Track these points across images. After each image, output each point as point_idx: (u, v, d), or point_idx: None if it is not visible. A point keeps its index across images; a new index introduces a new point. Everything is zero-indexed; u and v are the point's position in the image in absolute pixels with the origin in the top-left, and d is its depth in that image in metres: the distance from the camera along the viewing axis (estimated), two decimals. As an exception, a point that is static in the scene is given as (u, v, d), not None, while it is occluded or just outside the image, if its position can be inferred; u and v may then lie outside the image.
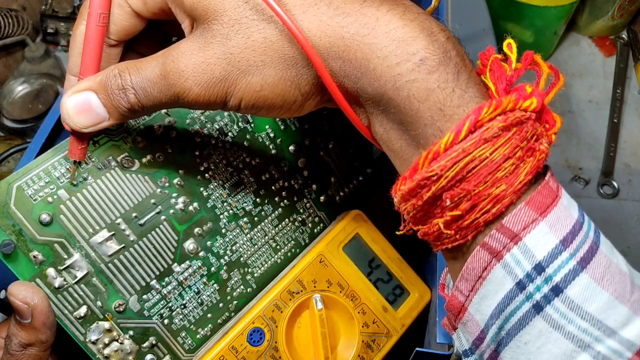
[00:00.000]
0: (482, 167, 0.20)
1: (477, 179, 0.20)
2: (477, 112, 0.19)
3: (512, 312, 0.20)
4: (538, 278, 0.20)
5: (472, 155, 0.19)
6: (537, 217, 0.20)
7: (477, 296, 0.21)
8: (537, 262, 0.20)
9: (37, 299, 0.26)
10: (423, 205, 0.21)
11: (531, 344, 0.20)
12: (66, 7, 0.69)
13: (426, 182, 0.20)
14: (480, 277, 0.21)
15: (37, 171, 0.27)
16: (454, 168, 0.19)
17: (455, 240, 0.21)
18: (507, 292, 0.20)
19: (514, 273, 0.20)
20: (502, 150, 0.20)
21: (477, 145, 0.19)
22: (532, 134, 0.20)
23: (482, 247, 0.21)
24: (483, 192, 0.20)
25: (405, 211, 0.22)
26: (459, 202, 0.20)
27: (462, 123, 0.19)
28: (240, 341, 0.31)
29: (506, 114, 0.20)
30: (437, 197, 0.20)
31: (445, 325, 0.25)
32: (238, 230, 0.32)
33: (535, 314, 0.20)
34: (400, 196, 0.21)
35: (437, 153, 0.20)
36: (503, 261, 0.20)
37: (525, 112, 0.20)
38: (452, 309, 0.23)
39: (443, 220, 0.21)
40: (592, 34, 0.78)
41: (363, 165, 0.38)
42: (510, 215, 0.20)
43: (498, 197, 0.20)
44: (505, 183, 0.20)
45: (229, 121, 0.32)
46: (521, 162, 0.20)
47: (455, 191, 0.20)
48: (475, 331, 0.22)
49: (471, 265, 0.21)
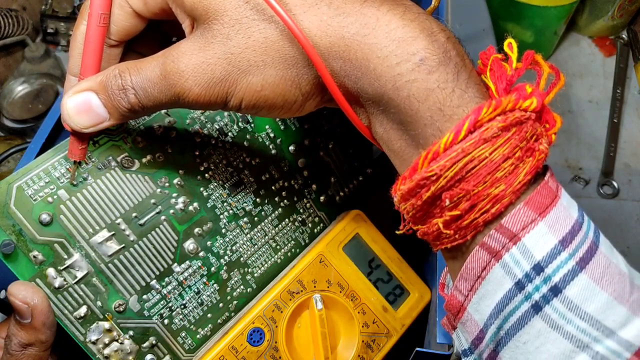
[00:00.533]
0: (482, 167, 0.20)
1: (477, 179, 0.20)
2: (476, 112, 0.19)
3: (511, 312, 0.20)
4: (537, 278, 0.20)
5: (472, 156, 0.19)
6: (536, 217, 0.20)
7: (476, 296, 0.21)
8: (536, 262, 0.20)
9: (37, 299, 0.26)
10: (422, 205, 0.21)
11: (530, 344, 0.20)
12: (66, 7, 0.69)
13: (425, 182, 0.20)
14: (480, 277, 0.21)
15: (37, 171, 0.27)
16: (453, 168, 0.19)
17: (455, 240, 0.21)
18: (506, 292, 0.20)
19: (512, 273, 0.20)
20: (501, 150, 0.20)
21: (477, 146, 0.19)
22: (532, 134, 0.20)
23: (481, 247, 0.21)
24: (482, 192, 0.20)
25: (404, 211, 0.22)
26: (458, 202, 0.20)
27: (461, 123, 0.19)
28: (240, 341, 0.31)
29: (506, 114, 0.20)
30: (436, 197, 0.20)
31: (445, 325, 0.25)
32: (238, 230, 0.32)
33: (534, 314, 0.20)
34: (400, 196, 0.21)
35: (436, 153, 0.20)
36: (502, 261, 0.20)
37: (525, 112, 0.20)
38: (452, 308, 0.23)
39: (442, 220, 0.21)
40: (592, 34, 0.78)
41: (363, 165, 0.38)
42: (510, 215, 0.20)
43: (497, 197, 0.20)
44: (505, 183, 0.20)
45: (229, 121, 0.32)
46: (520, 162, 0.20)
47: (454, 191, 0.20)
48: (474, 331, 0.22)
49: (470, 265, 0.21)
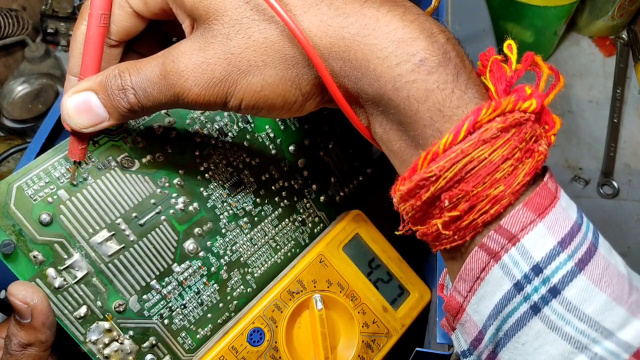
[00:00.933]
0: (481, 168, 0.20)
1: (476, 179, 0.20)
2: (476, 113, 0.19)
3: (510, 313, 0.20)
4: (536, 279, 0.20)
5: (471, 156, 0.19)
6: (535, 219, 0.20)
7: (475, 297, 0.21)
8: (534, 263, 0.20)
9: (37, 299, 0.26)
10: (422, 206, 0.21)
11: (529, 345, 0.20)
12: (66, 7, 0.69)
13: (425, 182, 0.20)
14: (479, 277, 0.21)
15: (37, 171, 0.27)
16: (453, 169, 0.19)
17: (454, 241, 0.21)
18: (505, 293, 0.20)
19: (511, 274, 0.20)
20: (500, 151, 0.20)
21: (476, 146, 0.19)
22: (531, 135, 0.20)
23: (480, 248, 0.21)
24: (481, 193, 0.20)
25: (404, 211, 0.22)
26: (457, 203, 0.20)
27: (460, 124, 0.19)
28: (240, 341, 0.31)
29: (505, 115, 0.20)
30: (435, 198, 0.20)
31: (444, 326, 0.25)
32: (238, 230, 0.32)
33: (533, 315, 0.20)
34: (399, 196, 0.21)
35: (435, 154, 0.20)
36: (501, 262, 0.20)
37: (525, 113, 0.20)
38: (451, 309, 0.23)
39: (442, 221, 0.21)
40: (592, 34, 0.78)
41: (363, 165, 0.38)
42: (509, 216, 0.20)
43: (496, 198, 0.20)
44: (504, 184, 0.20)
45: (229, 121, 0.32)
46: (520, 163, 0.20)
47: (453, 192, 0.20)
48: (474, 332, 0.22)
49: (469, 266, 0.21)
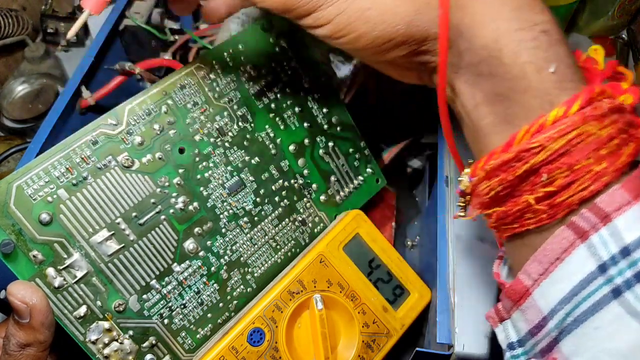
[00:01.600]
0: (589, 142, 0.20)
1: (581, 153, 0.20)
2: (588, 90, 0.20)
3: (587, 296, 0.20)
4: (622, 261, 0.19)
5: (580, 130, 0.19)
6: (631, 200, 0.20)
7: (549, 280, 0.21)
8: (624, 245, 0.19)
9: (36, 298, 0.26)
10: (513, 180, 0.21)
11: (602, 330, 0.20)
12: (66, 7, 0.69)
13: (525, 154, 0.20)
14: (558, 259, 0.21)
15: (36, 171, 0.27)
16: (560, 141, 0.20)
17: (541, 221, 0.21)
18: (587, 275, 0.20)
19: (598, 255, 0.20)
20: (608, 129, 0.20)
21: (586, 121, 0.19)
22: (631, 123, 0.21)
23: (567, 227, 0.20)
24: (584, 168, 0.20)
25: (485, 190, 0.22)
26: (554, 179, 0.20)
27: (573, 98, 0.20)
28: (240, 341, 0.30)
29: (612, 98, 0.20)
30: (531, 172, 0.20)
31: (490, 318, 0.25)
32: (238, 230, 0.32)
33: (613, 298, 0.19)
34: (485, 172, 0.21)
35: (542, 125, 0.20)
36: (588, 242, 0.20)
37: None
38: (513, 294, 0.23)
39: (534, 197, 0.20)
40: (592, 34, 0.78)
41: (363, 165, 0.38)
42: (605, 194, 0.20)
43: (599, 173, 0.20)
44: (607, 162, 0.20)
45: (229, 121, 0.32)
46: (624, 144, 0.20)
47: (554, 165, 0.20)
48: (535, 319, 0.22)
49: (550, 247, 0.21)
